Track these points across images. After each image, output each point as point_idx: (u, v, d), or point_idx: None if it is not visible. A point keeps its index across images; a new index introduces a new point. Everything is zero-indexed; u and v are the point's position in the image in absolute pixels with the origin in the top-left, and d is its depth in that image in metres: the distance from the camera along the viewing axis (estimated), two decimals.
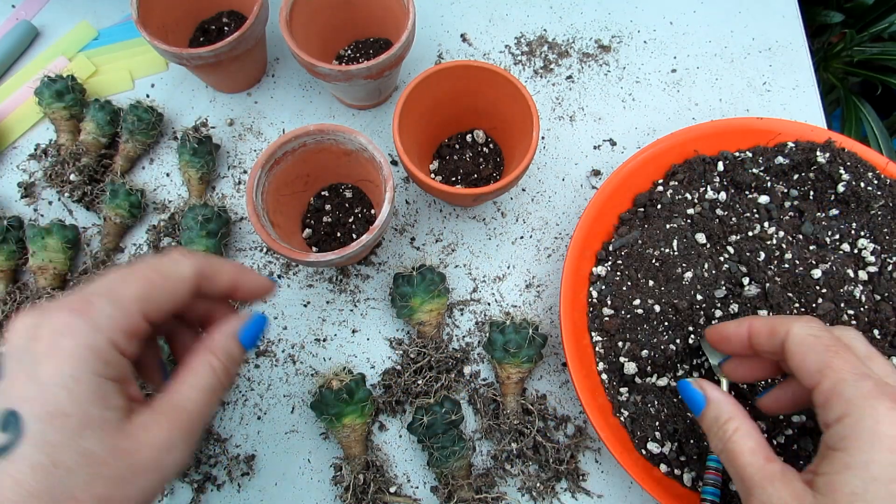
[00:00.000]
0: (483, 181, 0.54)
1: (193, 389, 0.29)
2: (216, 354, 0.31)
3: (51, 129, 0.61)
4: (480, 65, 0.48)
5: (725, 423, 0.33)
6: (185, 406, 0.29)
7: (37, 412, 0.24)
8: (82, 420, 0.25)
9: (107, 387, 0.26)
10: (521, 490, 0.47)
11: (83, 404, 0.25)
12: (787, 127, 0.52)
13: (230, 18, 0.61)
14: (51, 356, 0.25)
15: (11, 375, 0.25)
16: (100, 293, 0.27)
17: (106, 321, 0.27)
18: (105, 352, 0.26)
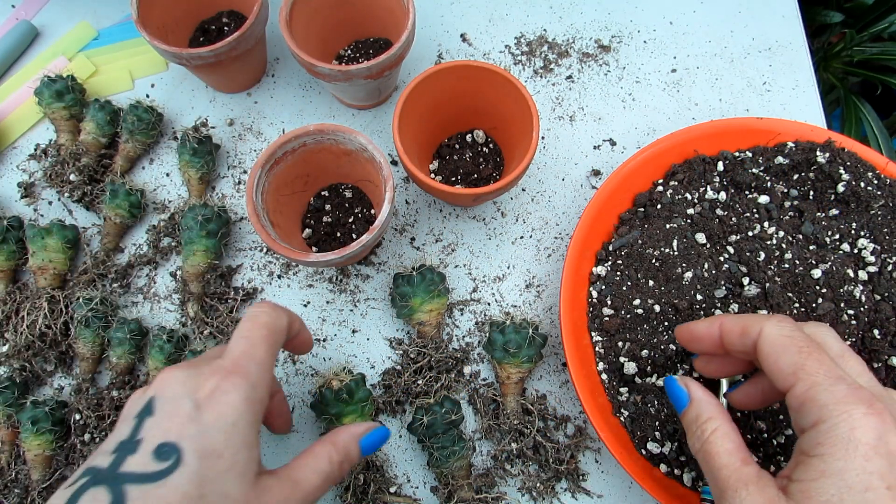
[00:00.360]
0: (483, 181, 0.54)
1: (312, 471, 0.33)
2: (337, 449, 0.35)
3: (51, 129, 0.61)
4: (480, 65, 0.48)
5: (705, 423, 0.33)
6: (303, 483, 0.32)
7: (195, 448, 0.28)
8: (231, 463, 0.28)
9: (253, 438, 0.30)
10: (521, 490, 0.47)
11: (236, 449, 0.29)
12: (787, 127, 0.52)
13: (230, 18, 0.61)
14: (214, 404, 0.29)
15: (169, 414, 0.29)
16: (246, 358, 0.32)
17: (259, 378, 0.31)
18: (257, 405, 0.31)
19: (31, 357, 0.51)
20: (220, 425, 0.29)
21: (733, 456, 0.31)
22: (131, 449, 0.28)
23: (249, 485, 0.29)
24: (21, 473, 0.48)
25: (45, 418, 0.47)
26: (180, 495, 0.26)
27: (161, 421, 0.29)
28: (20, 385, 0.50)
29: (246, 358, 0.32)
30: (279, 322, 0.35)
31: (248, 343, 0.33)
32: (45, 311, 0.51)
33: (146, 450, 0.27)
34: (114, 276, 0.54)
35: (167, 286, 0.55)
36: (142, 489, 0.26)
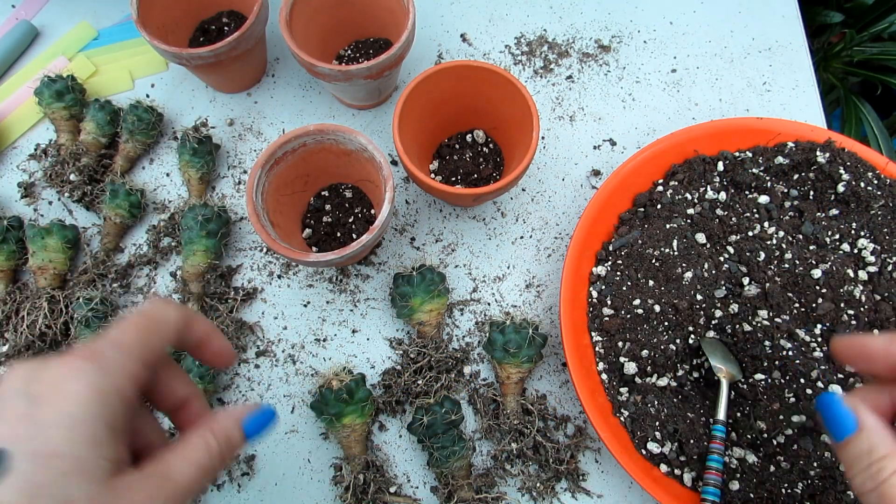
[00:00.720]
0: (483, 181, 0.54)
1: (185, 463, 0.29)
2: (215, 434, 0.31)
3: (51, 129, 0.61)
4: (480, 65, 0.48)
5: (882, 461, 0.27)
6: (174, 477, 0.28)
7: (26, 451, 0.24)
8: (73, 464, 0.25)
9: (105, 434, 0.26)
10: (521, 490, 0.47)
11: (78, 447, 0.25)
12: (787, 127, 0.52)
13: (230, 18, 0.61)
14: (52, 397, 0.25)
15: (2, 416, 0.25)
16: (105, 343, 0.28)
17: (114, 366, 0.27)
18: (111, 396, 0.26)
19: (31, 357, 0.51)
20: (57, 420, 0.25)
21: None
22: None
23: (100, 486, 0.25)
24: None
25: None
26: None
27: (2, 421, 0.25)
28: None
29: (106, 343, 0.28)
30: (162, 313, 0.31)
31: (117, 329, 0.29)
32: (45, 311, 0.51)
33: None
34: (114, 276, 0.54)
35: (167, 286, 0.55)
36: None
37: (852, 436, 0.28)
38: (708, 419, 0.45)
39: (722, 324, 0.46)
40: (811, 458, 0.42)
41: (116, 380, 0.27)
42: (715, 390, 0.46)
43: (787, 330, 0.44)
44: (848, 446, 0.29)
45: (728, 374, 0.44)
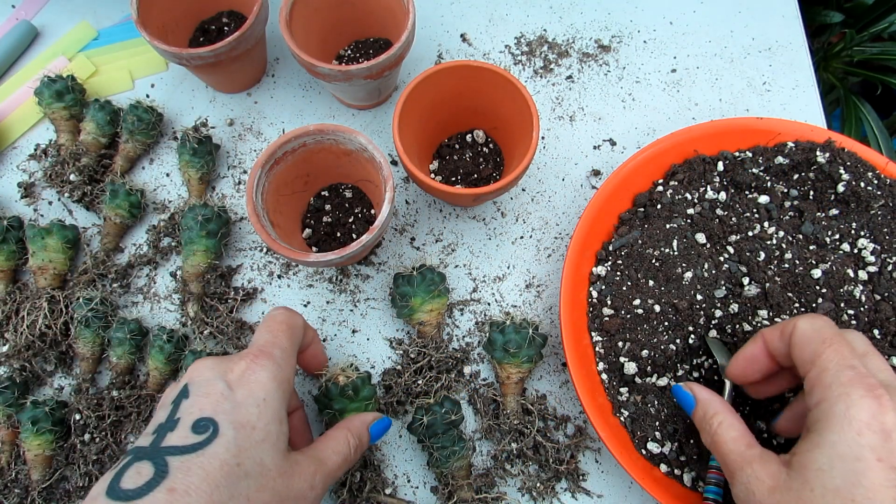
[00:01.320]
0: (483, 181, 0.54)
1: (333, 452, 0.36)
2: (352, 433, 0.38)
3: (51, 129, 0.61)
4: (480, 65, 0.48)
5: (711, 418, 0.37)
6: (326, 462, 0.35)
7: (230, 421, 0.30)
8: (264, 434, 0.31)
9: (283, 412, 0.33)
10: (521, 490, 0.47)
11: (268, 422, 0.31)
12: (787, 127, 0.52)
13: (230, 18, 0.61)
14: (244, 384, 0.32)
15: (204, 394, 0.31)
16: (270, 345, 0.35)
17: (283, 361, 0.34)
18: (287, 384, 0.34)
19: (31, 357, 0.51)
20: (252, 401, 0.31)
21: (738, 442, 0.34)
22: (170, 427, 0.30)
23: (282, 456, 0.31)
24: (21, 473, 0.48)
25: (45, 418, 0.47)
26: (219, 462, 0.28)
27: (196, 401, 0.31)
28: (20, 385, 0.50)
29: (270, 345, 0.35)
30: (296, 319, 0.39)
31: (271, 334, 0.36)
32: (45, 311, 0.51)
33: (185, 426, 0.30)
34: (114, 276, 0.54)
35: (167, 286, 0.55)
36: (183, 459, 0.28)
37: (694, 408, 0.39)
38: None
39: (722, 324, 0.46)
40: None
41: (285, 371, 0.34)
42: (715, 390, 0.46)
43: None
44: (694, 417, 0.39)
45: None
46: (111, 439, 0.49)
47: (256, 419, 0.31)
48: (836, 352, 0.32)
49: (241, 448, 0.29)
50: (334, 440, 0.37)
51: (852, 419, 0.29)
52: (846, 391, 0.30)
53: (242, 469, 0.29)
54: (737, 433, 0.35)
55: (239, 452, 0.29)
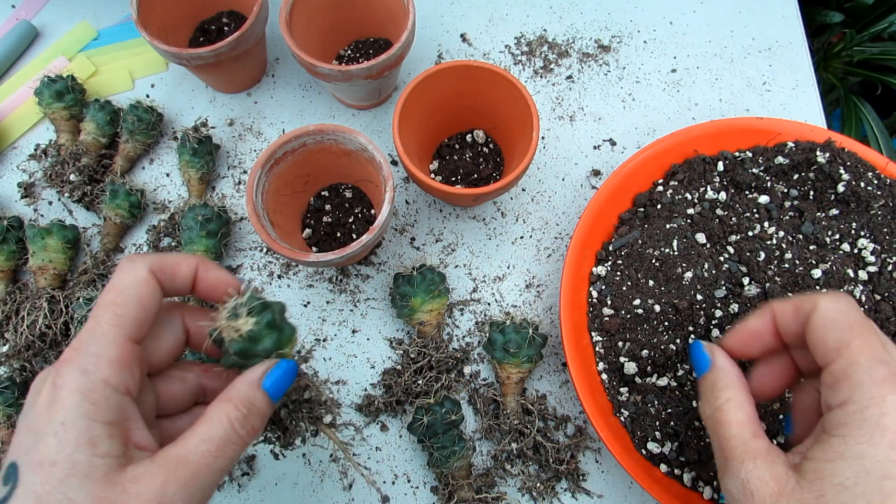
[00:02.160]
0: (483, 181, 0.54)
1: (201, 441, 0.27)
2: (234, 403, 0.28)
3: (51, 129, 0.61)
4: (480, 65, 0.48)
5: (721, 390, 0.32)
6: (189, 458, 0.27)
7: (30, 462, 0.25)
8: (68, 468, 0.24)
9: (98, 431, 0.25)
10: (521, 490, 0.47)
11: (70, 451, 0.25)
12: (787, 127, 0.52)
13: (230, 18, 0.61)
14: (47, 407, 0.25)
15: (18, 430, 0.26)
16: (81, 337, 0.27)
17: (92, 361, 0.26)
18: (96, 393, 0.26)
19: (31, 357, 0.51)
20: (49, 430, 0.25)
21: (744, 427, 0.30)
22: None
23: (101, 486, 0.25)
24: None
25: None
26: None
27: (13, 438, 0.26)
28: (20, 385, 0.50)
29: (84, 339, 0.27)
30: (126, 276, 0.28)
31: (91, 319, 0.27)
32: (45, 311, 0.51)
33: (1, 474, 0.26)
34: None
35: None
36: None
37: (706, 372, 0.34)
38: None
39: (722, 324, 0.46)
40: None
41: (98, 374, 0.26)
42: None
43: None
44: (702, 381, 0.34)
45: None
46: None
47: (55, 451, 0.24)
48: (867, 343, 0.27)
49: (40, 494, 0.24)
50: (203, 422, 0.28)
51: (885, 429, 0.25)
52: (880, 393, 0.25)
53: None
54: (745, 416, 0.30)
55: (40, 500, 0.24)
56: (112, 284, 0.28)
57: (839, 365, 0.27)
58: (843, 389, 0.27)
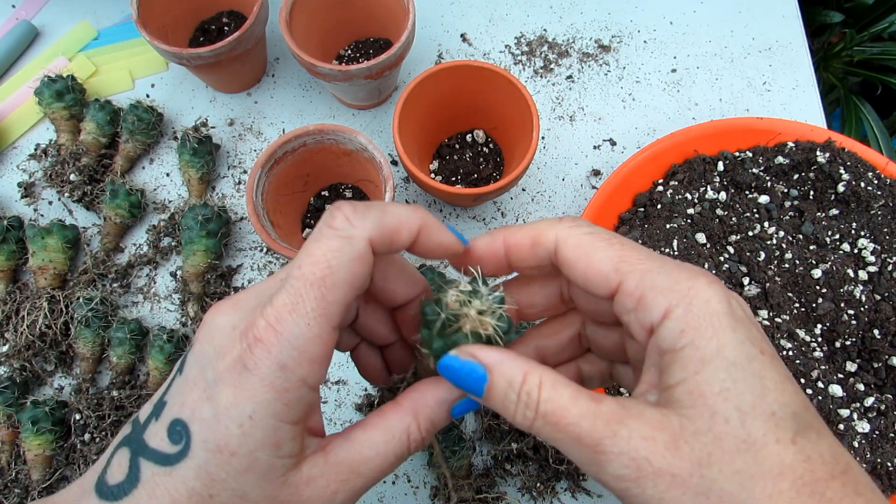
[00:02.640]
0: (483, 181, 0.54)
1: (378, 456, 0.25)
2: (419, 422, 0.26)
3: (51, 129, 0.61)
4: (480, 65, 0.48)
5: (523, 384, 0.23)
6: (361, 470, 0.25)
7: (205, 438, 0.23)
8: (248, 463, 0.23)
9: (283, 432, 0.23)
10: (521, 490, 0.47)
11: (253, 448, 0.23)
12: (787, 127, 0.52)
13: (230, 18, 0.61)
14: (232, 384, 0.23)
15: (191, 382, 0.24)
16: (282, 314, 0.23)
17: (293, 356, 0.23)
18: (290, 393, 0.23)
19: (31, 357, 0.51)
20: (234, 415, 0.23)
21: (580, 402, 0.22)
22: (157, 413, 0.24)
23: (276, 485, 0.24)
24: (21, 473, 0.48)
25: (45, 418, 0.47)
26: (187, 491, 0.23)
27: (182, 387, 0.24)
28: (20, 385, 0.50)
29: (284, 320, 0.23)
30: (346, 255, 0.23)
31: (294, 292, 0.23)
32: (45, 311, 0.51)
33: (164, 421, 0.24)
34: (114, 276, 0.54)
35: (167, 286, 0.55)
36: (153, 471, 0.23)
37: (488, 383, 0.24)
38: None
39: None
40: None
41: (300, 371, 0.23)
42: None
43: (788, 330, 0.44)
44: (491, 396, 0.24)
45: None
46: (111, 439, 0.49)
47: (237, 444, 0.23)
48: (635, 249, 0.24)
49: (214, 479, 0.23)
50: (383, 431, 0.25)
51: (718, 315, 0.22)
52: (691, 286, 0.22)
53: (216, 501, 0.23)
54: (571, 389, 0.23)
55: (212, 483, 0.23)
56: (324, 254, 0.23)
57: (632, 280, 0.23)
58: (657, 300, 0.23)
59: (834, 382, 0.43)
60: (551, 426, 0.23)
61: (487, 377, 0.24)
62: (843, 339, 0.44)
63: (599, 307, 0.27)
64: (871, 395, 0.43)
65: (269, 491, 0.23)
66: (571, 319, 0.30)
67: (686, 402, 0.22)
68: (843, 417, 0.43)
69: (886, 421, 0.43)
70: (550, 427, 0.23)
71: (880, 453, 0.42)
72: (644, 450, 0.21)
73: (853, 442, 0.42)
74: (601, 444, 0.21)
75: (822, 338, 0.45)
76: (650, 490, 0.21)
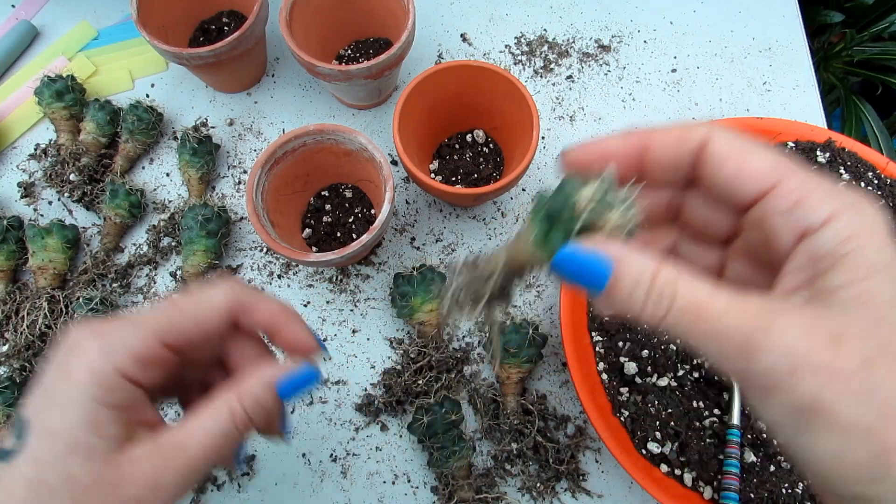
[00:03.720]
0: (483, 181, 0.54)
1: (203, 431, 0.27)
2: (242, 399, 0.28)
3: (51, 129, 0.61)
4: (480, 65, 0.48)
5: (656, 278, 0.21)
6: (188, 446, 0.27)
7: (39, 426, 0.25)
8: (70, 444, 0.25)
9: (104, 414, 0.26)
10: (522, 490, 0.47)
11: (74, 429, 0.25)
12: (788, 127, 0.52)
13: (230, 18, 0.61)
14: (66, 375, 0.26)
15: (39, 383, 0.26)
16: (125, 318, 0.27)
17: (118, 346, 0.26)
18: (109, 378, 0.26)
19: (31, 357, 0.51)
20: (61, 400, 0.26)
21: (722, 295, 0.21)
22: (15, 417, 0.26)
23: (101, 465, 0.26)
24: None
25: None
26: (22, 480, 0.25)
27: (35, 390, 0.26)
28: (20, 385, 0.50)
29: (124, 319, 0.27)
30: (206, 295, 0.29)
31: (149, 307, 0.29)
32: (45, 311, 0.51)
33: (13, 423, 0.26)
34: (114, 276, 0.54)
35: (167, 286, 0.55)
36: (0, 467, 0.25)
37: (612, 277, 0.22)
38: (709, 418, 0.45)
39: None
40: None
41: (117, 361, 0.26)
42: (716, 390, 0.46)
43: None
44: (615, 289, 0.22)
45: None
46: None
47: (62, 424, 0.25)
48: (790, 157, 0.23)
49: (42, 462, 0.25)
50: (207, 412, 0.28)
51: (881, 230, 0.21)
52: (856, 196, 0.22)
53: (46, 486, 0.25)
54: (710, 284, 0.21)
55: (41, 468, 0.25)
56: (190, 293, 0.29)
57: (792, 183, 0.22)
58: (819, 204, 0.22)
59: None
60: (689, 320, 0.21)
61: (613, 270, 0.22)
62: None
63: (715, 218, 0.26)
64: None
65: (94, 471, 0.25)
66: (667, 232, 0.29)
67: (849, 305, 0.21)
68: None
69: None
70: (688, 321, 0.21)
71: None
72: (803, 344, 0.20)
73: None
74: (752, 336, 0.20)
75: None
76: (805, 386, 0.20)
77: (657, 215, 0.28)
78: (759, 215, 0.24)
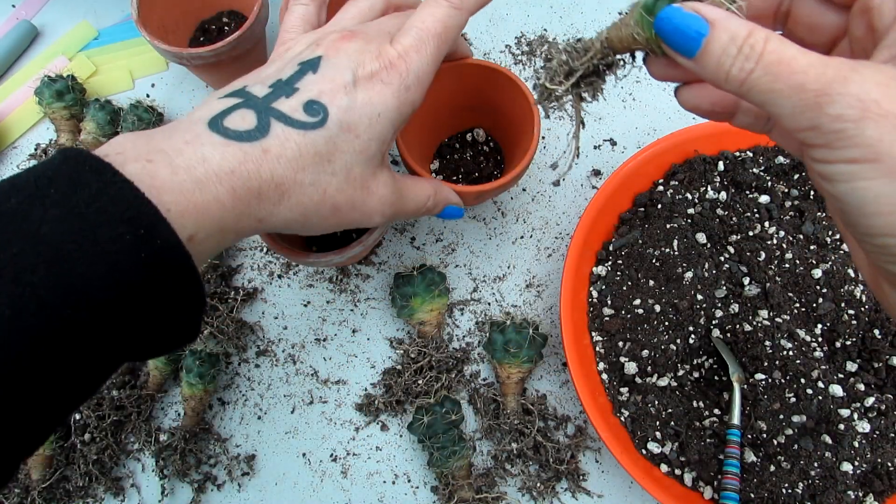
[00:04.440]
0: (483, 180, 0.54)
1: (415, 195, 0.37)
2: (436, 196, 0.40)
3: (51, 128, 0.61)
4: (481, 63, 0.48)
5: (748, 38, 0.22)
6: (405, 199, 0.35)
7: (339, 119, 0.30)
8: (364, 146, 0.31)
9: (389, 136, 0.32)
10: (522, 490, 0.47)
11: (371, 137, 0.31)
12: None
13: (230, 18, 0.61)
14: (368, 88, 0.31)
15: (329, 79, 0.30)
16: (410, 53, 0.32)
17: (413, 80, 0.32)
18: (407, 108, 0.32)
19: None
20: (366, 111, 0.30)
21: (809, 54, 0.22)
22: (287, 92, 0.30)
23: (371, 170, 0.32)
24: (21, 473, 0.48)
25: None
26: (314, 150, 0.29)
27: (320, 81, 0.30)
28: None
29: (411, 55, 0.32)
30: (455, 20, 0.34)
31: (419, 38, 0.32)
32: None
33: (299, 99, 0.29)
34: None
35: None
36: (285, 129, 0.28)
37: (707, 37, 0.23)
38: (709, 418, 0.45)
39: (722, 324, 0.46)
40: (811, 458, 0.42)
41: (412, 94, 0.32)
42: (716, 390, 0.46)
43: (788, 330, 0.44)
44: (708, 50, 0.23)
45: (740, 378, 0.44)
46: (111, 439, 0.49)
47: (363, 130, 0.31)
48: None
49: (338, 148, 0.30)
50: (420, 188, 0.37)
51: None
52: None
53: (331, 166, 0.30)
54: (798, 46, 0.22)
55: (335, 151, 0.30)
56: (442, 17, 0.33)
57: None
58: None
59: (834, 382, 0.43)
60: (772, 75, 0.22)
61: (708, 32, 0.23)
62: (844, 339, 0.44)
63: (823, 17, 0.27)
64: (872, 395, 0.43)
65: (367, 174, 0.32)
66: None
67: None
68: (844, 417, 0.43)
69: (887, 421, 0.43)
70: (771, 77, 0.22)
71: (880, 453, 0.42)
72: (875, 94, 0.21)
73: (853, 442, 0.42)
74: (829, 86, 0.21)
75: (822, 338, 0.45)
76: (870, 130, 0.20)
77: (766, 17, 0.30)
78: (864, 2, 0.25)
